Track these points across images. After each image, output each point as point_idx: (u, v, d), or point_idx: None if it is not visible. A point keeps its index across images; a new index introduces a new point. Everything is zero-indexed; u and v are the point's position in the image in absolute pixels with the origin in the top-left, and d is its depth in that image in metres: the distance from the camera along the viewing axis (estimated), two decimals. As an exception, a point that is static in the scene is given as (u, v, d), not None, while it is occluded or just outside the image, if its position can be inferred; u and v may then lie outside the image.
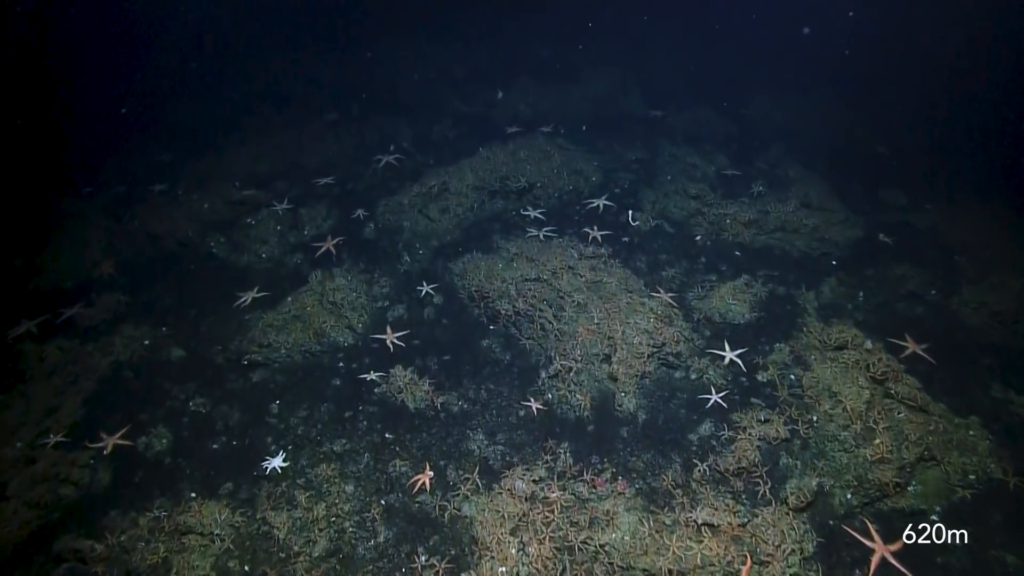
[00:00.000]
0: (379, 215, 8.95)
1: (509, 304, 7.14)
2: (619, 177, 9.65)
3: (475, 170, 9.26)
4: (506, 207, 9.11)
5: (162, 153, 10.79)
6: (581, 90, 12.47)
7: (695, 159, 9.79)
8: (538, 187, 9.18)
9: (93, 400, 6.14)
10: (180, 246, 8.44)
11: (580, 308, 6.77)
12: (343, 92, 12.94)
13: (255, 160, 10.60)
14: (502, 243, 8.21)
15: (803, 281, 7.34)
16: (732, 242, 8.17)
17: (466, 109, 12.22)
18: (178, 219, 8.64)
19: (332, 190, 9.69)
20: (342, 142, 11.05)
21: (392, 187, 9.61)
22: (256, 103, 12.55)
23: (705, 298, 7.03)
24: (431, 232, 8.66)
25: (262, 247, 8.37)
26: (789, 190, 8.69)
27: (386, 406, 6.24)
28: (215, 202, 8.99)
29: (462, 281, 7.74)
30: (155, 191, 9.37)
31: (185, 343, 6.94)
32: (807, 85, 12.67)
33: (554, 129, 11.04)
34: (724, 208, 8.40)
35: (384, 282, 7.87)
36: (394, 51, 14.23)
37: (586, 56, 14.21)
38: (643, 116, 11.79)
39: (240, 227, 8.60)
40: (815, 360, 5.95)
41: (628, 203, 9.03)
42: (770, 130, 11.04)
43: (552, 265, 7.32)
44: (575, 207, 9.05)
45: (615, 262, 7.55)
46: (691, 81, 13.36)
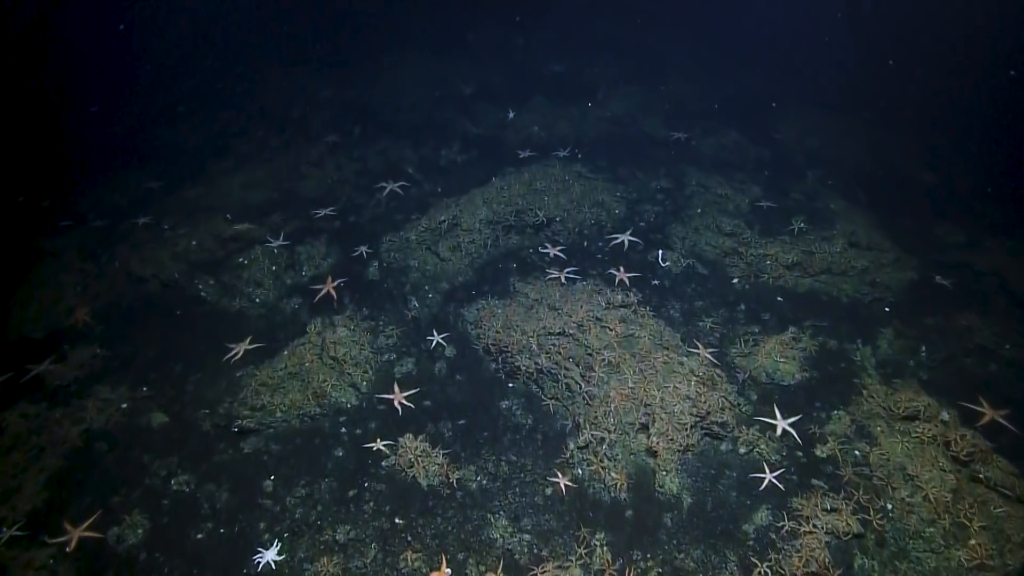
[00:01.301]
0: (383, 253, 8.41)
1: (530, 360, 6.59)
2: (644, 209, 9.12)
3: (488, 202, 8.74)
4: (522, 243, 8.58)
5: (148, 181, 10.26)
6: (598, 110, 11.99)
7: (726, 189, 9.27)
8: (557, 221, 8.66)
9: (58, 480, 5.56)
10: (165, 289, 7.89)
11: (611, 368, 6.21)
12: (344, 112, 12.45)
13: (248, 188, 10.09)
14: (520, 286, 7.68)
15: (856, 333, 6.79)
16: (773, 286, 7.63)
17: (475, 130, 11.72)
18: (163, 258, 8.10)
19: (332, 223, 9.16)
20: (342, 168, 10.54)
21: (397, 220, 9.09)
22: (251, 125, 12.06)
23: (749, 355, 6.48)
24: (441, 273, 8.12)
25: (256, 290, 7.82)
26: (833, 226, 8.17)
27: (395, 483, 5.67)
28: (204, 238, 8.45)
29: (477, 331, 7.21)
30: (139, 225, 8.83)
31: (168, 406, 6.38)
32: (838, 103, 12.20)
33: (571, 153, 10.55)
34: (763, 248, 7.87)
35: (390, 331, 7.31)
36: (397, 68, 13.78)
37: (602, 73, 13.74)
38: (665, 139, 11.29)
39: (231, 267, 8.05)
40: (882, 432, 5.39)
41: (655, 239, 8.50)
42: (804, 155, 10.54)
43: (577, 316, 6.77)
44: (598, 243, 8.52)
45: (646, 310, 7.01)
46: (715, 100, 12.87)
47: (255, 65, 14.40)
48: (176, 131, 11.90)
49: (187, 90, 13.45)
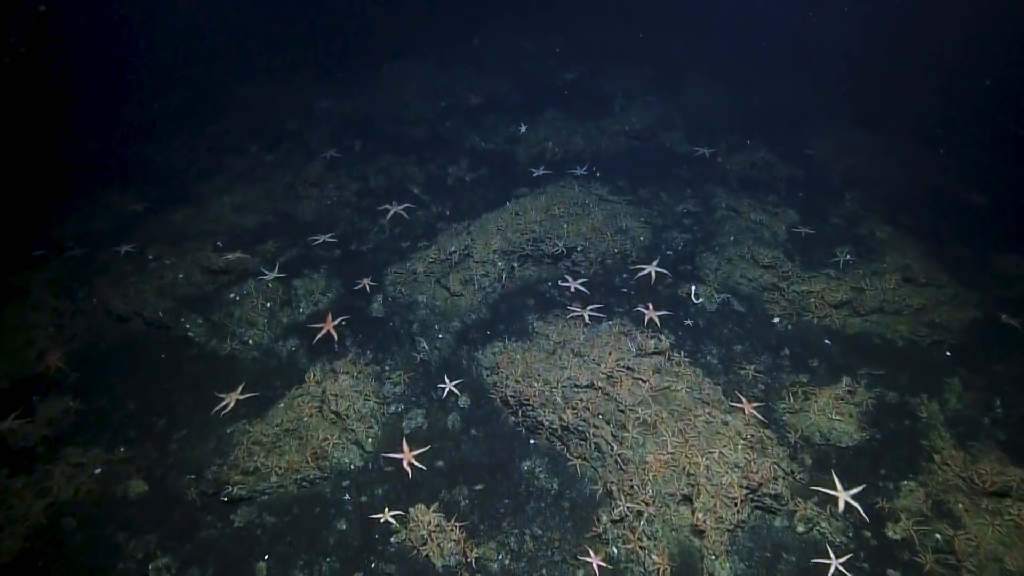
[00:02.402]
0: (388, 286, 7.86)
1: (554, 414, 6.04)
2: (671, 237, 8.58)
3: (502, 229, 8.20)
4: (540, 276, 8.03)
5: (131, 202, 9.69)
6: (615, 123, 11.43)
7: (759, 214, 8.72)
8: (578, 251, 8.11)
9: (16, 569, 4.97)
10: (149, 328, 7.33)
11: (647, 428, 5.66)
12: (343, 125, 11.90)
13: (240, 211, 9.54)
14: (539, 326, 7.14)
15: (918, 383, 6.24)
16: (818, 326, 7.08)
17: (484, 145, 11.18)
18: (147, 293, 7.54)
19: (331, 251, 8.61)
20: (342, 187, 9.99)
21: (402, 248, 8.55)
22: (242, 139, 11.49)
23: (800, 411, 5.92)
24: (452, 309, 7.57)
25: (248, 331, 7.26)
26: (883, 258, 7.63)
27: (406, 563, 5.12)
28: (192, 270, 7.90)
29: (493, 377, 6.67)
30: (121, 254, 8.27)
31: (149, 470, 5.81)
32: (872, 115, 11.66)
33: (588, 171, 10.02)
34: (806, 283, 7.32)
35: (397, 377, 6.76)
36: (399, 76, 13.23)
37: (618, 81, 13.20)
38: (688, 155, 10.76)
39: (222, 304, 7.50)
40: (965, 511, 4.84)
41: (685, 271, 7.96)
42: (840, 174, 10.00)
43: (606, 365, 6.23)
44: (622, 275, 7.98)
45: (681, 356, 6.46)
46: (739, 112, 12.33)
47: (247, 74, 13.83)
48: (162, 147, 11.34)
49: (174, 102, 12.88)
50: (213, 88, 13.50)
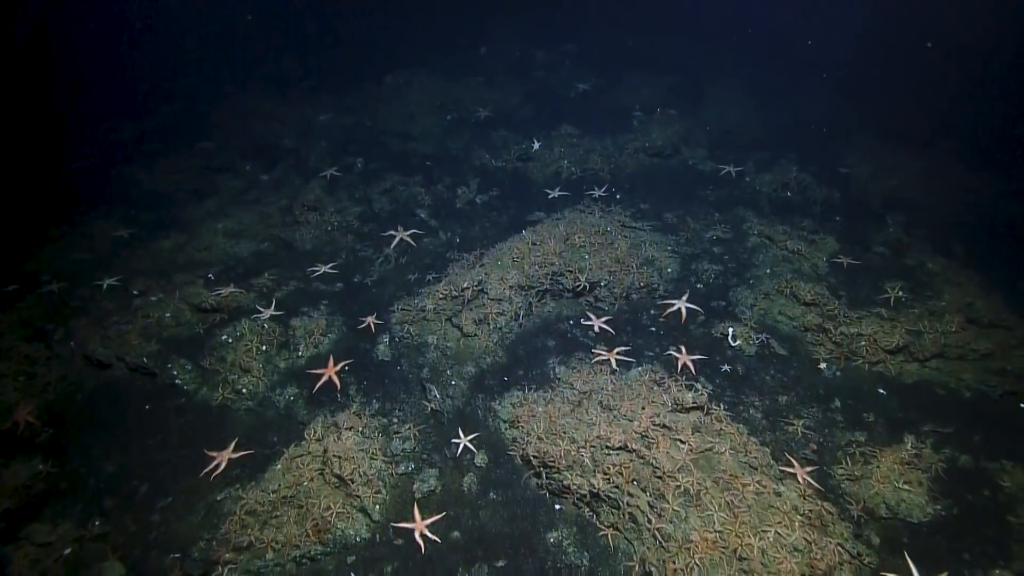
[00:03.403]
0: (395, 325, 7.35)
1: (582, 478, 5.53)
2: (700, 268, 8.06)
3: (518, 261, 7.69)
4: (560, 313, 7.52)
5: (116, 228, 9.19)
6: (635, 138, 10.93)
7: (796, 242, 8.21)
8: (601, 286, 7.57)
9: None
10: (132, 375, 6.81)
11: (689, 499, 5.14)
12: (343, 141, 11.41)
13: (234, 237, 9.04)
14: (562, 371, 6.63)
15: (994, 443, 5.72)
16: (871, 373, 6.55)
17: (495, 163, 10.68)
18: (130, 335, 7.02)
19: (332, 284, 8.11)
20: (344, 211, 9.49)
21: (409, 281, 8.04)
22: (237, 158, 10.99)
23: (861, 478, 5.38)
24: (465, 352, 7.06)
25: (242, 378, 6.74)
26: (940, 295, 7.11)
27: (420, 662, 4.56)
28: (181, 309, 7.39)
29: (512, 432, 6.15)
30: (103, 288, 7.75)
31: (127, 548, 5.29)
32: (914, 132, 11.15)
33: (607, 192, 9.52)
34: (855, 324, 6.80)
35: (407, 431, 6.24)
36: (403, 89, 12.74)
37: (635, 93, 12.72)
38: (714, 174, 10.25)
39: (213, 347, 6.99)
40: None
41: (718, 307, 7.44)
42: (880, 197, 9.49)
43: (639, 422, 5.71)
44: (650, 312, 7.47)
45: (721, 410, 5.94)
46: (765, 126, 11.83)
47: (242, 85, 13.35)
48: (150, 166, 10.83)
49: (163, 117, 12.39)
50: (205, 100, 13.04)
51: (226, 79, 14.03)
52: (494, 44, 15.39)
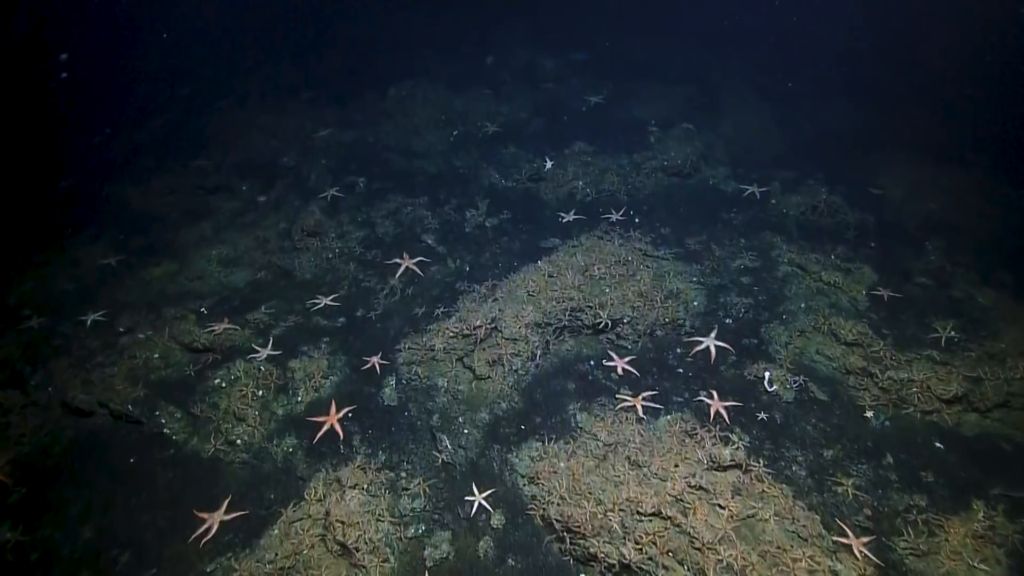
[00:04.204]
0: (402, 366, 6.92)
1: (611, 545, 5.09)
2: (729, 301, 7.62)
3: (535, 296, 7.25)
4: (580, 352, 7.08)
5: (103, 254, 8.76)
6: (652, 156, 10.50)
7: (831, 272, 7.78)
8: (624, 322, 7.12)
9: None
10: (116, 424, 6.38)
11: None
12: (345, 158, 10.99)
13: (228, 265, 8.62)
14: (584, 419, 6.20)
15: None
16: (923, 422, 6.10)
17: (505, 183, 10.25)
18: (115, 379, 6.59)
19: (334, 319, 7.67)
20: (346, 235, 9.06)
21: (416, 315, 7.60)
22: (233, 177, 10.57)
23: (928, 553, 4.92)
24: (478, 396, 6.61)
25: (236, 427, 6.30)
26: (997, 334, 6.68)
27: None
28: (170, 349, 6.96)
29: (532, 488, 5.72)
30: (87, 325, 7.32)
31: (111, 630, 4.81)
32: (950, 147, 10.71)
33: (625, 216, 9.08)
34: (904, 368, 6.35)
35: (416, 487, 5.81)
36: (406, 102, 12.32)
37: (650, 105, 12.30)
38: (737, 195, 9.81)
39: (205, 392, 6.56)
40: None
41: (750, 346, 7.01)
42: (916, 220, 9.05)
43: (673, 483, 5.27)
44: (676, 351, 7.02)
45: (761, 466, 5.48)
46: (788, 142, 11.39)
47: (239, 97, 12.93)
48: (141, 185, 10.40)
49: (156, 130, 11.97)
50: (200, 111, 12.62)
51: (222, 89, 13.63)
52: (500, 53, 14.97)
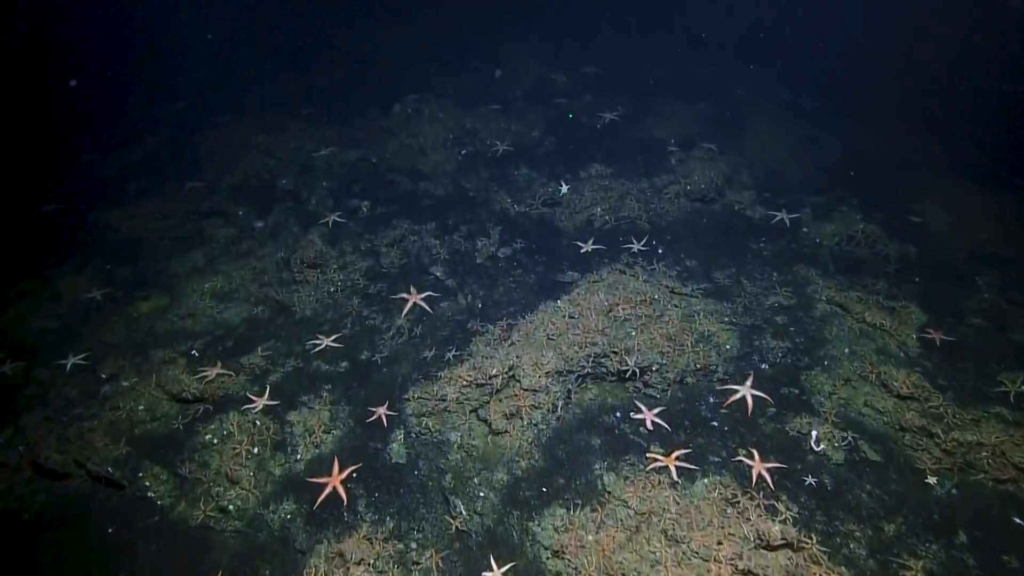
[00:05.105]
0: (411, 418, 6.42)
1: (650, 639, 4.51)
2: (764, 344, 7.11)
3: (555, 339, 6.76)
4: (604, 401, 6.57)
5: (87, 287, 8.27)
6: (674, 180, 10.02)
7: (875, 313, 7.29)
8: (653, 370, 6.60)
9: None
10: (94, 486, 5.87)
11: None
12: (346, 179, 10.53)
13: (223, 301, 8.13)
14: (612, 482, 5.72)
15: None
16: (996, 493, 5.58)
17: (518, 208, 9.76)
18: (95, 435, 6.10)
19: (337, 363, 7.17)
20: (348, 267, 8.58)
21: (426, 359, 7.10)
22: (229, 200, 10.09)
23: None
24: (495, 453, 6.11)
25: (228, 490, 5.80)
26: (1068, 387, 6.12)
27: None
28: (157, 399, 6.46)
29: (557, 563, 5.23)
30: (65, 371, 6.81)
31: None
32: (980, 169, 10.23)
33: (648, 245, 8.59)
34: (970, 428, 5.85)
35: (427, 560, 5.33)
36: (411, 119, 11.84)
37: (668, 123, 11.82)
38: (765, 222, 9.33)
39: (195, 449, 6.06)
40: None
41: (789, 395, 6.51)
42: (963, 251, 8.56)
43: (717, 565, 4.74)
44: (709, 400, 6.51)
45: (815, 543, 4.98)
46: (818, 164, 10.91)
47: (233, 115, 12.46)
48: (131, 208, 9.91)
49: (148, 149, 11.50)
50: (194, 130, 12.16)
51: (218, 103, 13.19)
52: (509, 66, 14.53)
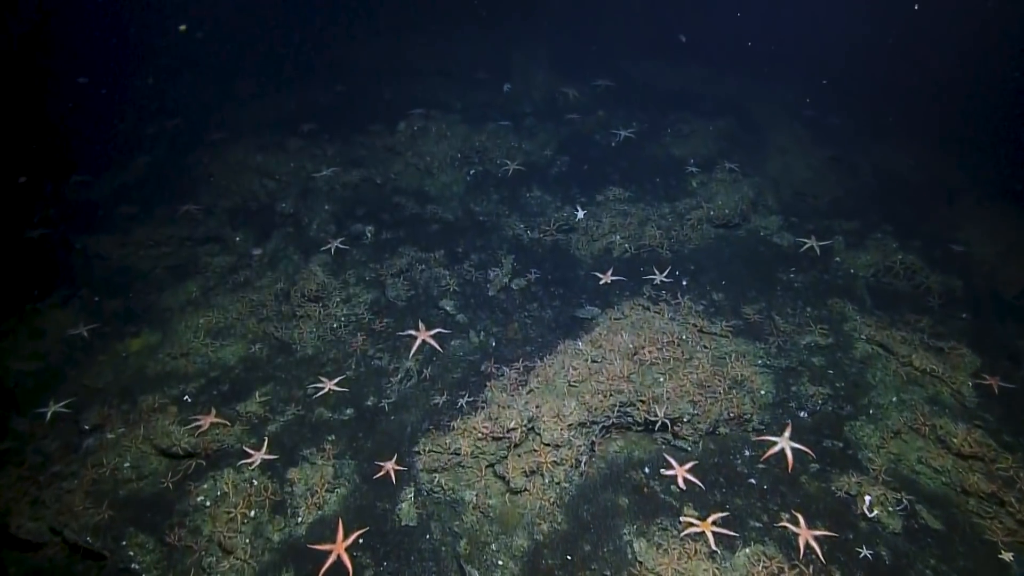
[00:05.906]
0: (422, 473, 5.97)
1: None
2: (802, 390, 6.65)
3: (576, 387, 6.30)
4: (631, 455, 6.12)
5: (73, 323, 7.82)
6: (696, 204, 9.57)
7: (921, 355, 6.83)
8: (684, 420, 6.12)
9: None
10: (70, 559, 5.38)
11: None
12: (349, 202, 10.09)
13: (218, 338, 7.67)
14: (643, 550, 5.27)
15: None
16: (1073, 567, 5.07)
17: (531, 235, 9.31)
18: (74, 496, 5.64)
19: (341, 410, 6.71)
20: (352, 300, 8.13)
21: (437, 406, 6.64)
22: (226, 225, 9.65)
23: None
24: (513, 514, 5.66)
25: (221, 561, 5.32)
26: None
27: None
28: (145, 455, 6.01)
29: (585, 650, 4.68)
30: (45, 420, 6.34)
31: None
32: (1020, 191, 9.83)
33: (671, 276, 8.13)
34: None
35: (441, 644, 4.77)
36: (416, 137, 11.42)
37: (687, 142, 11.40)
38: (794, 249, 8.88)
39: (185, 512, 5.61)
40: None
41: (832, 448, 6.07)
42: (1015, 286, 8.09)
43: (773, 661, 4.23)
44: (744, 453, 6.07)
45: (875, 630, 4.45)
46: (847, 186, 10.47)
47: (230, 133, 12.05)
48: (122, 234, 9.46)
49: (141, 170, 11.08)
50: (189, 149, 11.74)
51: (214, 120, 12.78)
52: (518, 79, 14.13)
